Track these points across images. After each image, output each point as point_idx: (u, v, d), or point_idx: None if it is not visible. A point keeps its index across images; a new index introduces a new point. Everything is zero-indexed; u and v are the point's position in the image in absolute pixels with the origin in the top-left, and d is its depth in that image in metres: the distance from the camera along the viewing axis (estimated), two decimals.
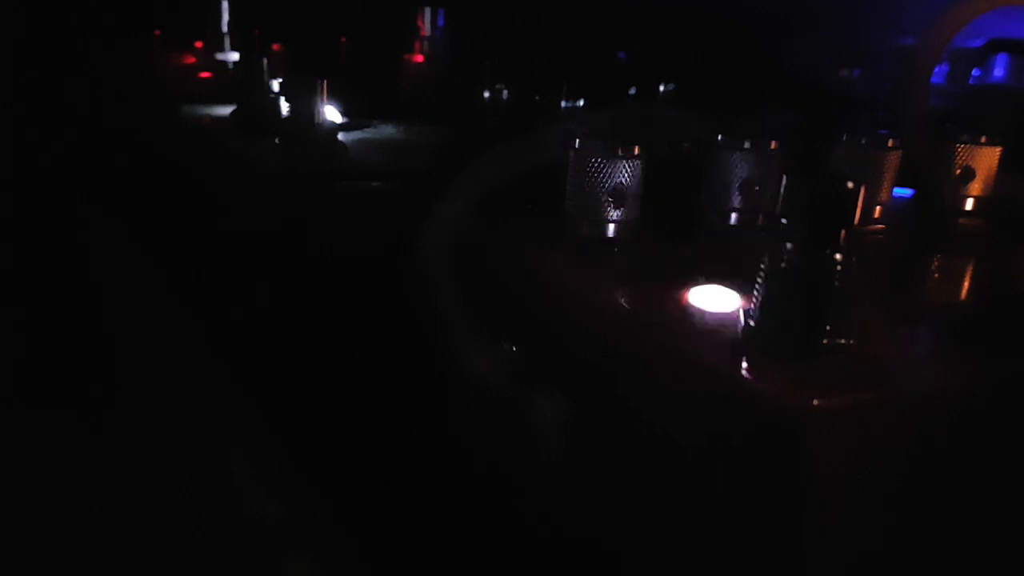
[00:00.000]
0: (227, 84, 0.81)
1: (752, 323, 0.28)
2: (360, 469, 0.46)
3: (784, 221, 0.27)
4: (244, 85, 0.64)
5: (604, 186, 0.37)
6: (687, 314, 0.31)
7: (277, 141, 0.57)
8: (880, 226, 0.44)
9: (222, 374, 0.58)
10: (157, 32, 0.87)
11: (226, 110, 0.66)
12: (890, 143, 0.44)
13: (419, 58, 0.90)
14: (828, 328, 0.27)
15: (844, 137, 0.44)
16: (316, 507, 0.47)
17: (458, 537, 0.41)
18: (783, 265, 0.27)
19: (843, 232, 0.27)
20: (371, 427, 0.47)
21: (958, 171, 0.46)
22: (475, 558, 0.40)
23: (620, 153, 0.37)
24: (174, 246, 0.70)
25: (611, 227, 0.38)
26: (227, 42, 0.88)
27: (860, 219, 0.27)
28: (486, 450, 0.41)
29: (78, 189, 0.86)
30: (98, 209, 0.83)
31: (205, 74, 0.86)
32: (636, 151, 0.37)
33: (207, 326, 0.62)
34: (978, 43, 0.75)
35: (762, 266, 0.28)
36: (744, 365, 0.27)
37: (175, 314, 0.67)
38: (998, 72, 0.75)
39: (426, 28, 0.91)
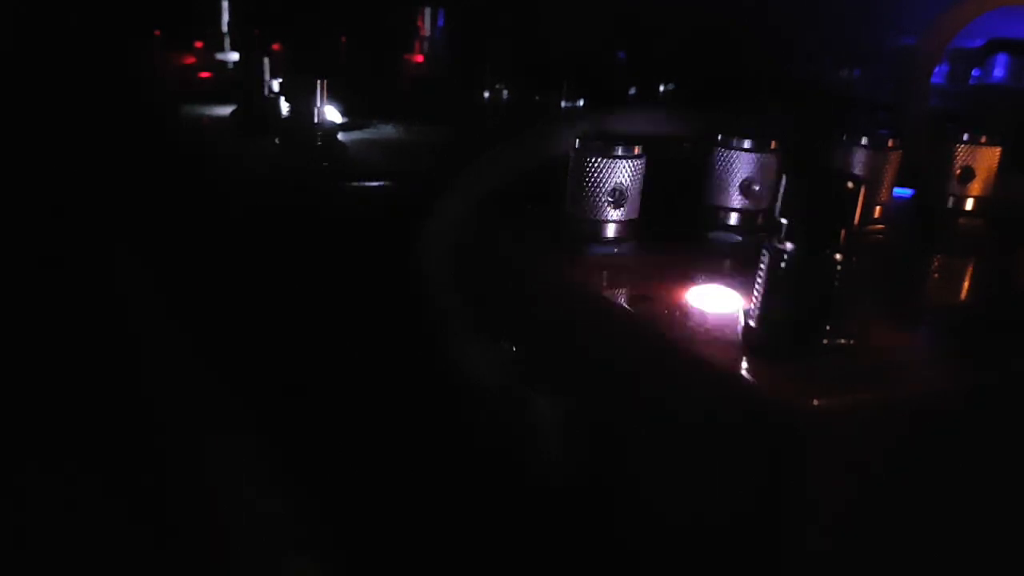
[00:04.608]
0: (227, 84, 0.81)
1: (752, 323, 0.28)
2: (360, 468, 0.47)
3: (784, 221, 0.27)
4: (244, 85, 0.63)
5: (604, 186, 0.37)
6: (687, 314, 0.31)
7: (277, 141, 0.57)
8: (880, 226, 0.44)
9: (222, 373, 0.58)
10: (157, 32, 0.87)
11: (226, 110, 0.66)
12: (890, 143, 0.44)
13: (419, 58, 0.90)
14: (828, 328, 0.27)
15: (844, 137, 0.44)
16: (315, 507, 0.47)
17: (457, 537, 0.41)
18: (783, 265, 0.27)
19: (843, 232, 0.27)
20: (371, 427, 0.47)
21: (958, 171, 0.46)
22: (475, 558, 0.40)
23: (620, 153, 0.37)
24: (174, 246, 0.70)
25: (611, 227, 0.38)
26: (227, 42, 0.88)
27: (860, 219, 0.27)
28: (486, 450, 0.41)
29: (77, 189, 0.86)
30: (97, 209, 0.83)
31: (205, 74, 0.86)
32: (636, 151, 0.37)
33: (207, 326, 0.62)
34: (978, 43, 0.75)
35: (762, 266, 0.28)
36: (744, 365, 0.27)
37: (175, 313, 0.67)
38: (998, 72, 0.75)
39: (426, 28, 0.91)
